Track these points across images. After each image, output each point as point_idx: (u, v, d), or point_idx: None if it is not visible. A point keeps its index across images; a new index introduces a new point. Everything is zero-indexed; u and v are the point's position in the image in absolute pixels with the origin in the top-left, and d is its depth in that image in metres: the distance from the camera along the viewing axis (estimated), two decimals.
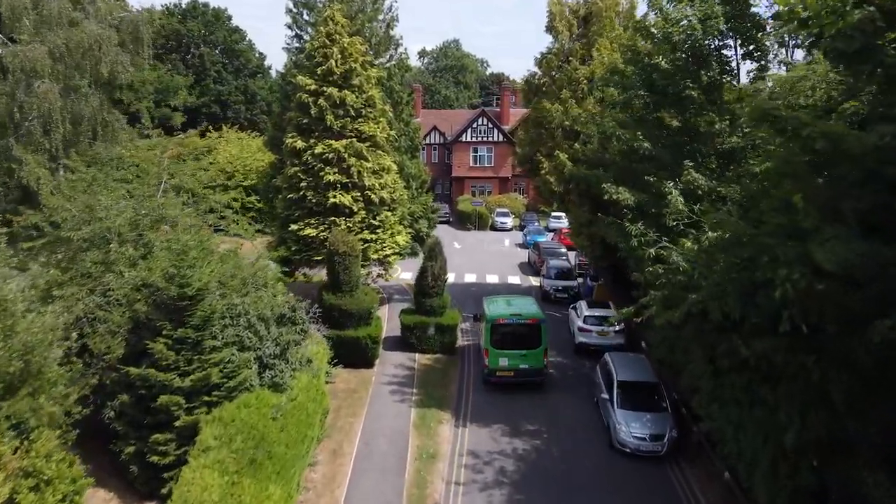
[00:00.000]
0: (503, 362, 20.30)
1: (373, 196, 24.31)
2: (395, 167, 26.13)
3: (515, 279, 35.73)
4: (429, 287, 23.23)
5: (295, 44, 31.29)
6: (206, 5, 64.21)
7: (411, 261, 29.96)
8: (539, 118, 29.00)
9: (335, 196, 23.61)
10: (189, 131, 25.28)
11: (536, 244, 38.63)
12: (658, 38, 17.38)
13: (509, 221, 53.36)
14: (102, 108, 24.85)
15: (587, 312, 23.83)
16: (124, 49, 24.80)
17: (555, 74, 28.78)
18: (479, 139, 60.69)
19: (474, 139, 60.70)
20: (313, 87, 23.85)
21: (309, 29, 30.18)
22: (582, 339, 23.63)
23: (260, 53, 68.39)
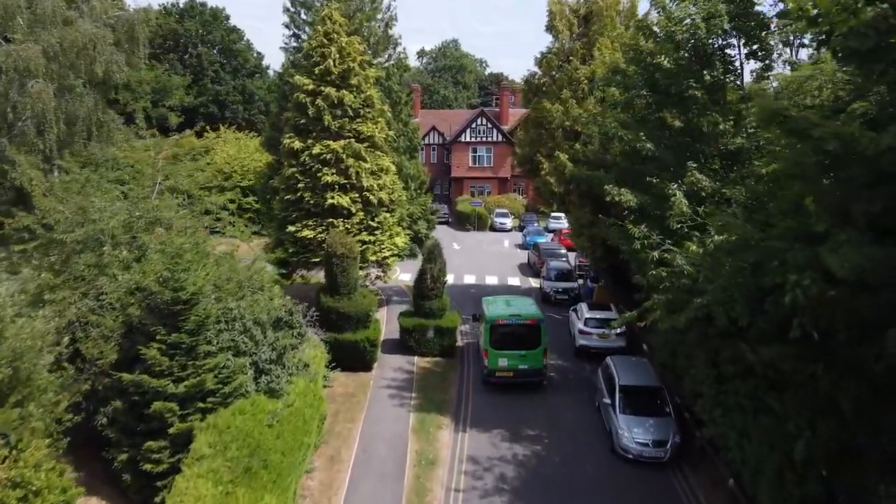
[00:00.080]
0: (502, 363, 20.25)
1: (371, 197, 24.04)
2: (394, 168, 25.85)
3: (515, 280, 35.46)
4: (428, 289, 22.96)
5: (293, 43, 30.99)
6: (204, 5, 63.86)
7: (410, 262, 29.69)
8: (539, 118, 28.75)
9: (333, 197, 23.34)
10: (184, 132, 24.75)
11: (536, 245, 38.36)
12: (661, 37, 17.13)
13: (508, 222, 53.11)
14: (97, 109, 24.54)
15: (588, 315, 23.57)
16: (119, 48, 24.49)
17: (555, 74, 28.54)
18: (478, 139, 60.45)
19: (473, 139, 60.46)
20: (311, 87, 23.58)
21: (307, 28, 29.88)
22: (583, 342, 23.36)
23: (258, 53, 68.13)
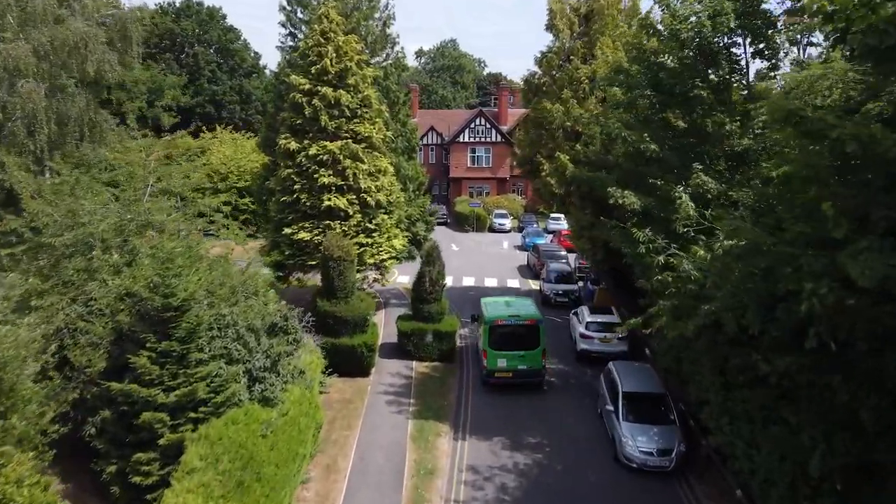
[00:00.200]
0: (502, 363, 20.20)
1: (369, 199, 23.60)
2: (392, 169, 25.42)
3: (514, 283, 35.06)
4: (426, 292, 22.56)
5: (289, 42, 30.52)
6: (201, 4, 63.38)
7: (408, 264, 29.31)
8: (539, 118, 28.32)
9: (330, 199, 22.90)
10: (177, 132, 24.29)
11: (536, 246, 37.94)
12: (665, 36, 16.73)
13: (508, 223, 52.74)
14: (89, 109, 24.09)
15: (589, 318, 23.16)
16: (112, 47, 24.06)
17: (555, 74, 28.12)
18: (477, 139, 60.08)
19: (472, 139, 60.09)
20: (307, 87, 23.13)
21: (303, 27, 29.42)
22: (584, 346, 22.95)
23: (255, 53, 67.61)
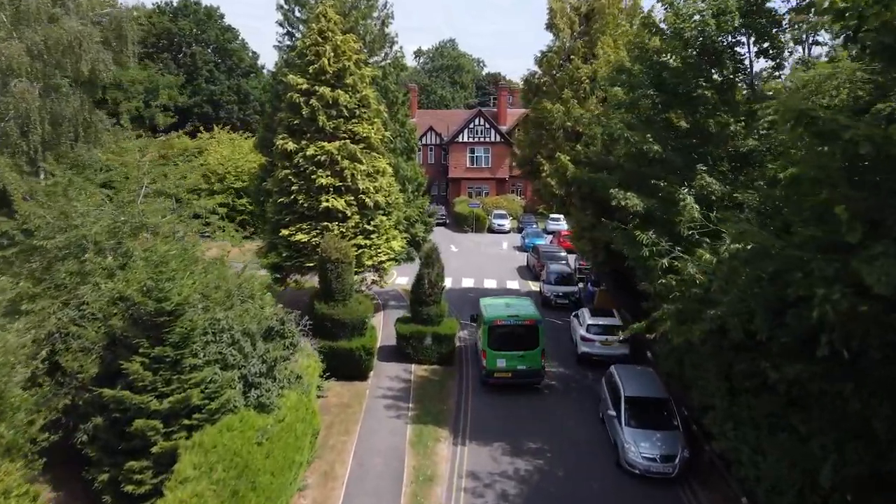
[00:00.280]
0: (501, 363, 20.16)
1: (367, 200, 23.33)
2: (391, 169, 25.14)
3: (514, 284, 34.76)
4: (425, 295, 22.27)
5: (286, 42, 30.23)
6: (198, 3, 63.05)
7: (407, 265, 29.03)
8: (539, 119, 28.04)
9: (328, 200, 22.62)
10: (170, 132, 24.01)
11: (535, 247, 37.64)
12: (668, 35, 16.47)
13: (507, 223, 52.45)
14: (84, 109, 23.79)
15: (590, 321, 22.87)
16: (107, 46, 23.76)
17: (556, 73, 27.85)
18: (476, 140, 59.80)
19: (471, 140, 59.80)
20: (305, 87, 22.86)
21: (300, 26, 29.13)
22: (585, 349, 22.68)
23: (253, 53, 67.32)
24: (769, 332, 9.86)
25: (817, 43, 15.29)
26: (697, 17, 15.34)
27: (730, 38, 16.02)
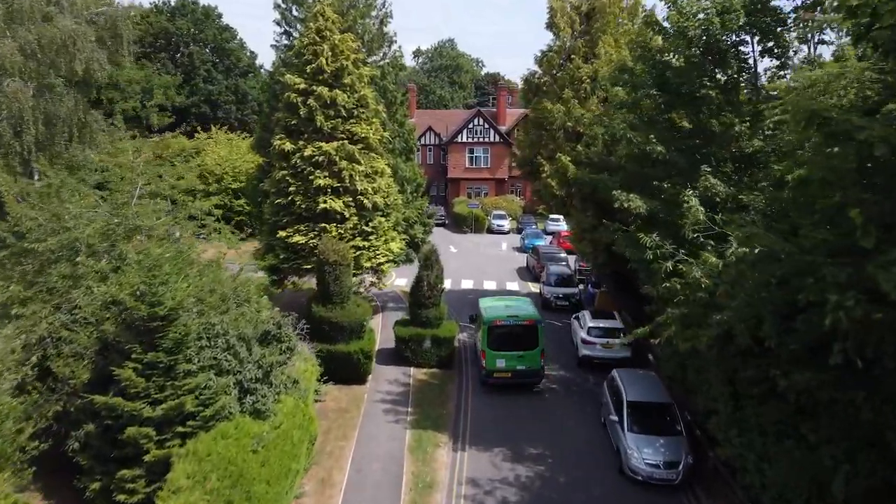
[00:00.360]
0: (500, 363, 20.10)
1: (365, 201, 23.05)
2: (389, 170, 24.87)
3: (514, 285, 34.49)
4: (425, 297, 22.00)
5: (284, 41, 29.99)
6: (196, 3, 62.64)
7: (406, 267, 28.75)
8: (539, 119, 27.79)
9: (325, 201, 22.35)
10: (166, 133, 23.72)
11: (535, 248, 37.35)
12: (671, 34, 16.20)
13: (506, 224, 52.17)
14: (78, 108, 23.48)
15: (591, 324, 22.59)
16: (102, 46, 23.45)
17: (556, 73, 27.60)
18: (475, 140, 59.55)
19: (470, 140, 59.55)
20: (302, 87, 22.58)
21: (298, 25, 28.88)
22: (586, 352, 22.40)
23: (251, 52, 66.95)
24: (778, 339, 9.59)
25: (823, 42, 15.02)
26: (702, 16, 15.07)
27: (734, 37, 15.76)
